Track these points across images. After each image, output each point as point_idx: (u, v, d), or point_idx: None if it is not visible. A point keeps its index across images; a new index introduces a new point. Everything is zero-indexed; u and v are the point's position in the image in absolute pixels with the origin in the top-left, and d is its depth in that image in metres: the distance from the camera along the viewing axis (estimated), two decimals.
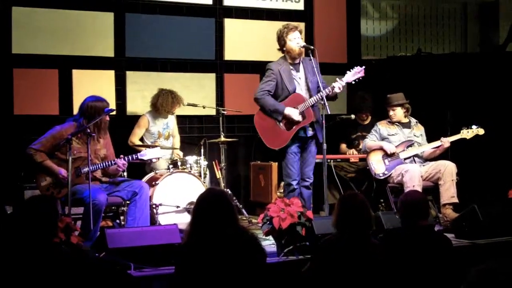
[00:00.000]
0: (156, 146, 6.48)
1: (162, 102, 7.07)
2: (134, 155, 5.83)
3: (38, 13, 7.09)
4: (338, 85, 5.93)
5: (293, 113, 5.97)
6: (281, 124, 6.03)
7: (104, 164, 5.75)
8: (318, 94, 5.91)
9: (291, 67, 6.09)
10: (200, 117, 7.94)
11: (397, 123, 6.92)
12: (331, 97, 6.03)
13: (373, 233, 4.16)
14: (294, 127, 6.01)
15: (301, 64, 6.12)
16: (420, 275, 3.99)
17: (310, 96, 6.01)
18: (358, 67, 6.07)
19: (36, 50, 7.09)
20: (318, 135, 6.06)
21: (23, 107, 6.99)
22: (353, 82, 6.08)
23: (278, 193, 7.44)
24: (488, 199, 6.48)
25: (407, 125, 6.95)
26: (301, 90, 6.08)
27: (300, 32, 6.11)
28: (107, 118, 5.77)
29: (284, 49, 6.10)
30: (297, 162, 6.06)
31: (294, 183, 6.03)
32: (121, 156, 5.79)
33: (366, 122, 7.77)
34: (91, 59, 7.35)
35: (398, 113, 6.91)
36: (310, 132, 6.09)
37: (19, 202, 6.01)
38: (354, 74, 6.03)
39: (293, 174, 6.04)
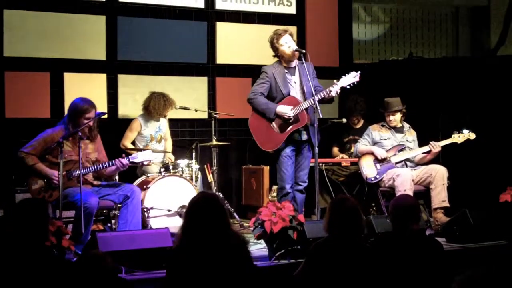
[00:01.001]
0: (147, 149, 6.45)
1: (154, 105, 7.05)
2: (125, 158, 5.81)
3: (29, 16, 7.07)
4: (335, 89, 5.91)
5: (285, 109, 5.92)
6: (275, 126, 6.01)
7: (95, 167, 5.74)
8: (313, 98, 5.88)
9: (286, 71, 6.07)
10: (192, 120, 7.93)
11: (390, 127, 6.93)
12: (327, 100, 6.00)
13: (365, 237, 4.18)
14: (287, 130, 5.98)
15: (296, 68, 6.11)
16: (411, 279, 3.99)
17: (305, 100, 5.99)
18: (354, 72, 6.02)
19: (28, 53, 7.07)
20: (312, 139, 6.01)
21: (15, 110, 6.97)
22: (348, 87, 6.04)
23: (270, 197, 7.43)
24: (479, 203, 6.49)
25: (400, 130, 6.95)
26: (296, 93, 6.04)
27: (291, 35, 6.08)
28: (91, 123, 5.72)
29: (278, 54, 6.10)
30: (291, 165, 6.01)
31: (288, 186, 5.98)
32: (123, 155, 5.79)
33: (358, 126, 7.79)
34: (82, 62, 7.33)
35: (397, 119, 6.92)
36: (304, 136, 6.07)
37: (10, 205, 5.98)
38: (350, 78, 5.98)
39: (287, 177, 5.99)
